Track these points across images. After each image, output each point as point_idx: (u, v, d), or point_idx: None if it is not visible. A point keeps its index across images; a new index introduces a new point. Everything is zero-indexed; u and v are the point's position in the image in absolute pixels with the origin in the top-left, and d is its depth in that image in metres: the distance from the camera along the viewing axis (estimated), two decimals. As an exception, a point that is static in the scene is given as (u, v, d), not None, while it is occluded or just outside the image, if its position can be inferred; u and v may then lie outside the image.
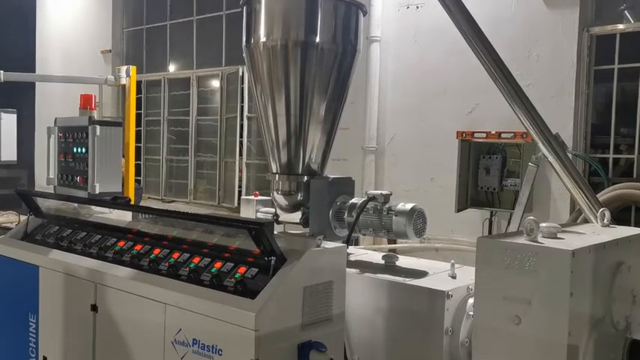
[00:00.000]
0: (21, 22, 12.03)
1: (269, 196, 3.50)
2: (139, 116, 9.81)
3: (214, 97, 9.48)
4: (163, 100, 10.18)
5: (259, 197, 3.74)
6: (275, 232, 2.66)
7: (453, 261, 2.90)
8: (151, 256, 2.88)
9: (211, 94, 9.59)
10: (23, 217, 3.83)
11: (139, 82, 9.19)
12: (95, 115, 4.57)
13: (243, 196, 4.50)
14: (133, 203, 4.40)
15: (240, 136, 8.89)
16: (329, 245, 2.63)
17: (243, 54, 3.30)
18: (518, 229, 5.06)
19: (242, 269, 2.53)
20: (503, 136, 5.99)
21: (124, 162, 5.76)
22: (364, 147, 7.32)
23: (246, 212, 3.72)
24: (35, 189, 9.13)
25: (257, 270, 2.50)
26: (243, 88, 8.78)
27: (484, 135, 6.13)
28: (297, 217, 3.26)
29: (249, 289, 2.44)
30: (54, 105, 10.80)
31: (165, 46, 10.43)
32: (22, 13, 11.97)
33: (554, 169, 2.93)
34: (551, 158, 2.88)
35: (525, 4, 6.26)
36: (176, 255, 2.80)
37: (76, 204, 3.77)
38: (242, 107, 8.80)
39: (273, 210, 3.41)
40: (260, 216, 3.58)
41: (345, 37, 3.17)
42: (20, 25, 12.02)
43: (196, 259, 2.71)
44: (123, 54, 11.09)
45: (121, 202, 3.48)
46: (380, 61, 7.22)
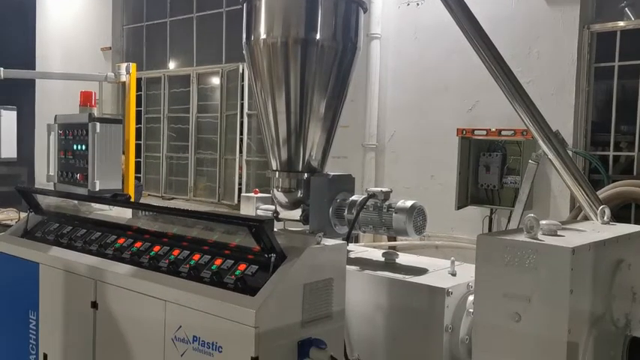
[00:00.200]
0: (21, 19, 12.02)
1: (269, 193, 3.50)
2: (139, 113, 9.81)
3: (214, 95, 9.47)
4: (163, 97, 10.17)
5: (259, 194, 3.74)
6: (275, 230, 2.66)
7: (453, 258, 2.90)
8: (151, 254, 2.88)
9: (211, 91, 9.58)
10: (23, 215, 3.84)
11: (138, 80, 9.17)
12: (95, 112, 4.58)
13: (243, 194, 4.50)
14: (133, 200, 4.40)
15: (241, 133, 8.88)
16: (329, 242, 2.63)
17: (244, 51, 3.29)
18: (519, 226, 5.06)
19: (242, 266, 2.53)
20: (503, 133, 5.99)
21: (124, 159, 5.77)
22: (364, 144, 7.32)
23: (246, 209, 3.73)
24: (35, 186, 9.14)
25: (257, 267, 2.50)
26: (243, 86, 8.76)
27: (484, 132, 6.13)
28: (297, 214, 3.26)
29: (250, 286, 2.44)
30: (54, 102, 10.79)
31: (166, 43, 10.41)
32: (22, 11, 11.96)
33: (555, 167, 2.93)
34: (551, 156, 2.87)
35: (526, 1, 6.25)
36: (176, 252, 2.81)
37: (76, 201, 3.76)
38: (242, 104, 8.79)
39: (273, 207, 3.40)
40: (260, 213, 3.59)
41: (345, 35, 3.17)
42: (20, 22, 12.02)
43: (196, 257, 2.72)
44: (123, 51, 11.08)
45: (121, 199, 3.48)
46: (380, 59, 7.21)
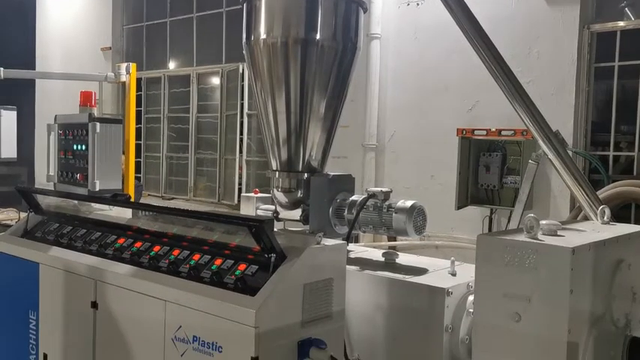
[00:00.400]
0: (21, 19, 12.02)
1: (269, 193, 3.50)
2: (139, 113, 9.80)
3: (214, 95, 9.47)
4: (163, 97, 10.17)
5: (259, 194, 3.74)
6: (275, 230, 2.66)
7: (452, 258, 2.90)
8: (151, 254, 2.88)
9: (211, 91, 9.58)
10: (23, 215, 3.84)
11: (138, 80, 9.17)
12: (95, 112, 4.57)
13: (243, 194, 4.50)
14: (132, 200, 4.40)
15: (241, 133, 8.88)
16: (329, 242, 2.63)
17: (244, 51, 3.29)
18: (519, 226, 5.06)
19: (242, 266, 2.53)
20: (503, 133, 5.99)
21: (124, 159, 5.76)
22: (364, 144, 7.32)
23: (246, 209, 3.73)
24: (35, 186, 9.14)
25: (257, 267, 2.50)
26: (243, 86, 8.76)
27: (484, 132, 6.13)
28: (297, 214, 3.26)
29: (250, 286, 2.44)
30: (54, 102, 10.79)
31: (166, 43, 10.41)
32: (22, 11, 11.96)
33: (555, 167, 2.93)
34: (551, 156, 2.87)
35: (526, 1, 6.25)
36: (176, 252, 2.80)
37: (76, 201, 3.76)
38: (242, 104, 8.79)
39: (273, 207, 3.40)
40: (260, 213, 3.59)
41: (345, 35, 3.17)
42: (20, 22, 12.01)
43: (196, 257, 2.72)
44: (123, 51, 11.08)
45: (121, 199, 3.48)
46: (380, 59, 7.21)
